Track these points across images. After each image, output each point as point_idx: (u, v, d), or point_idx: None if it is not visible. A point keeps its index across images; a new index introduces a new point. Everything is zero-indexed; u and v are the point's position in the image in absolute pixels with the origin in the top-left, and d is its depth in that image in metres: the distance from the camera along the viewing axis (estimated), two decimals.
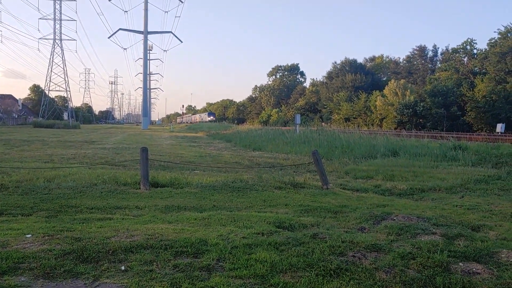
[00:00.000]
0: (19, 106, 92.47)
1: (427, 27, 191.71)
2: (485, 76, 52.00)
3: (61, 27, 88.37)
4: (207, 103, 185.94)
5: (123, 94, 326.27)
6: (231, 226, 5.76)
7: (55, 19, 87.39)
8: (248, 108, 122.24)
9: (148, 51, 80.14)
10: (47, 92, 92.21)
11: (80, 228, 5.48)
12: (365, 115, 65.12)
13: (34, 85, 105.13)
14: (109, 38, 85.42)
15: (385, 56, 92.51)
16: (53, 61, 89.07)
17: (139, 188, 9.09)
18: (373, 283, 3.85)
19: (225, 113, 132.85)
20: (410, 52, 79.80)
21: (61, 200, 7.79)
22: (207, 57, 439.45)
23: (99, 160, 15.40)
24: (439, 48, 74.38)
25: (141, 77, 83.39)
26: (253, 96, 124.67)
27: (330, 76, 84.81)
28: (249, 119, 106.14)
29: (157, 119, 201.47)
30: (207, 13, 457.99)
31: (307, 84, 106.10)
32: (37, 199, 7.83)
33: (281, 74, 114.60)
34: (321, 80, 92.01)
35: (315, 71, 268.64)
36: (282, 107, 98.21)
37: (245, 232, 5.35)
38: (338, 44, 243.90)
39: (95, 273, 3.90)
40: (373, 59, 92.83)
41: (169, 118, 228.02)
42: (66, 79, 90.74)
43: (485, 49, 57.16)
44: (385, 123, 58.09)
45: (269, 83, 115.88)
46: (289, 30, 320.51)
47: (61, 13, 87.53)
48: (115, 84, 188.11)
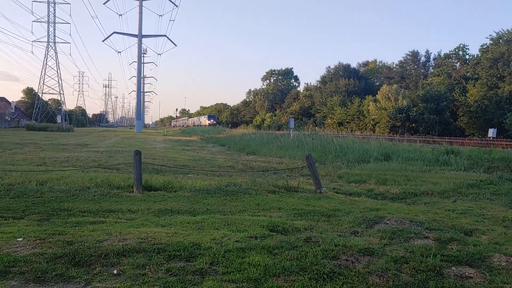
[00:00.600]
0: (12, 109, 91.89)
1: (419, 32, 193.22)
2: (477, 81, 52.36)
3: (55, 30, 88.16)
4: (201, 107, 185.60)
5: (117, 97, 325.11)
6: (224, 229, 5.75)
7: (49, 22, 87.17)
8: (242, 112, 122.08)
9: (142, 55, 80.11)
10: (40, 95, 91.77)
11: (72, 231, 5.44)
12: (358, 120, 65.32)
13: (27, 88, 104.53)
14: (103, 41, 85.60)
15: (378, 61, 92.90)
16: (46, 63, 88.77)
17: (132, 191, 9.05)
18: (366, 287, 3.86)
19: (219, 117, 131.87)
20: (403, 57, 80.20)
21: (54, 203, 7.73)
22: (201, 61, 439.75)
23: (92, 163, 15.33)
24: (431, 53, 74.67)
25: (135, 80, 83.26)
26: (247, 100, 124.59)
27: (324, 80, 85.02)
28: (243, 123, 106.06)
29: (151, 123, 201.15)
30: (202, 17, 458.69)
31: (301, 88, 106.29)
32: (29, 202, 7.77)
33: (275, 78, 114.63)
34: (315, 84, 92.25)
35: (309, 75, 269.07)
36: (276, 111, 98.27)
37: (238, 235, 5.34)
38: (332, 49, 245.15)
39: (87, 277, 3.88)
40: (366, 64, 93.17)
41: (163, 121, 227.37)
42: (59, 82, 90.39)
43: (477, 55, 57.57)
44: (378, 128, 58.27)
45: (263, 87, 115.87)
46: (283, 34, 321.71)
47: (55, 16, 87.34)
48: (109, 87, 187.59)
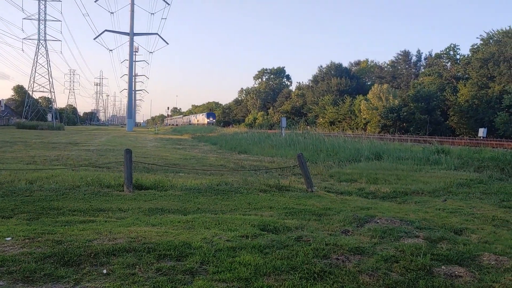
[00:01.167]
0: (1, 107, 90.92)
1: (411, 32, 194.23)
2: (467, 81, 52.82)
3: (45, 27, 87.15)
4: (192, 105, 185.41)
5: (108, 95, 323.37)
6: (215, 229, 5.73)
7: (39, 20, 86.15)
8: (234, 111, 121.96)
9: (134, 53, 79.77)
10: (30, 93, 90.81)
11: (61, 231, 5.39)
12: (349, 119, 65.56)
13: (17, 86, 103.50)
14: (94, 39, 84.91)
15: (370, 60, 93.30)
16: (37, 61, 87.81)
17: (123, 190, 9.00)
18: (356, 286, 3.87)
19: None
20: (394, 57, 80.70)
21: (43, 202, 7.66)
22: (193, 59, 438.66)
23: (83, 162, 15.22)
24: (422, 53, 75.19)
25: (126, 78, 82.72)
26: (239, 98, 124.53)
27: (315, 79, 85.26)
28: (235, 122, 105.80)
29: (142, 121, 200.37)
30: (193, 16, 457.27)
31: (293, 87, 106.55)
32: (18, 201, 7.69)
33: (267, 77, 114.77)
34: (307, 83, 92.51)
35: (301, 74, 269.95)
36: (268, 110, 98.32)
37: (229, 235, 5.33)
38: (324, 48, 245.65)
39: (76, 277, 3.84)
40: (358, 64, 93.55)
41: (154, 120, 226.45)
42: (50, 80, 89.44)
43: (468, 55, 58.08)
44: (369, 127, 58.55)
45: (255, 86, 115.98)
46: (276, 33, 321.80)
47: (45, 14, 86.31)
48: (100, 85, 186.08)
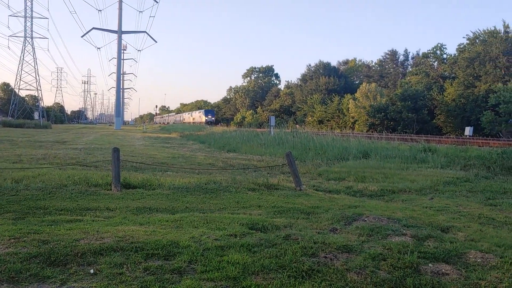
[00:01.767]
0: None
1: (399, 31, 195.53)
2: (454, 80, 53.40)
3: (32, 24, 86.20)
4: (181, 104, 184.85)
5: (96, 94, 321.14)
6: (203, 228, 5.72)
7: (26, 17, 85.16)
8: (222, 109, 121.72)
9: (122, 51, 79.02)
10: (17, 90, 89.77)
11: (48, 230, 5.34)
12: (338, 118, 65.85)
13: (3, 84, 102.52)
14: (82, 37, 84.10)
15: (358, 59, 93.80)
16: (23, 59, 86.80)
17: (111, 189, 8.94)
18: (344, 284, 3.89)
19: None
20: (382, 56, 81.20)
21: (29, 201, 7.57)
22: (181, 58, 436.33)
23: (70, 160, 15.07)
24: (410, 52, 75.87)
25: (114, 77, 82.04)
26: (228, 97, 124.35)
27: (304, 78, 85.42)
28: (224, 121, 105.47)
29: (130, 120, 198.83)
30: (182, 14, 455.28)
31: (281, 86, 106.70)
32: (3, 200, 7.59)
33: (256, 75, 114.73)
34: (296, 82, 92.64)
35: (290, 73, 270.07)
36: (257, 108, 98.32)
37: (217, 234, 5.32)
38: (312, 47, 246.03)
39: (63, 277, 3.81)
40: (346, 63, 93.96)
41: (143, 118, 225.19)
42: (37, 77, 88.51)
43: (455, 54, 58.67)
44: (357, 126, 58.88)
45: (244, 84, 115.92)
46: (264, 31, 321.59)
47: (32, 11, 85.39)
48: (88, 83, 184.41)
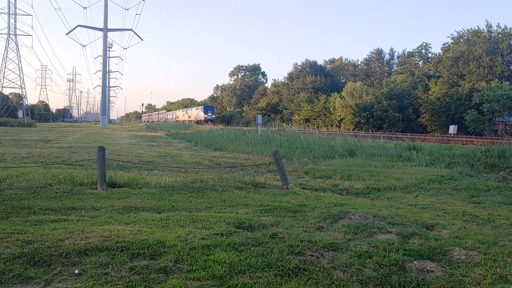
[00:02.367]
0: None
1: (385, 31, 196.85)
2: (439, 79, 53.98)
3: (15, 21, 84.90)
4: (167, 102, 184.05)
5: (81, 92, 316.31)
6: (189, 227, 5.70)
7: (9, 13, 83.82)
8: None
9: (107, 49, 78.23)
10: (0, 88, 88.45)
11: (32, 230, 5.27)
12: (324, 116, 66.11)
13: None
14: (67, 34, 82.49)
15: (344, 58, 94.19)
16: (7, 56, 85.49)
17: (96, 188, 8.86)
18: (330, 282, 3.91)
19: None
20: (368, 55, 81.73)
21: (13, 201, 7.47)
22: (168, 56, 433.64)
23: (55, 159, 14.89)
24: (395, 51, 76.46)
25: (100, 75, 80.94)
26: (215, 95, 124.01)
27: (291, 77, 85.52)
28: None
29: (116, 118, 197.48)
30: (168, 12, 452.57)
31: (268, 84, 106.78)
32: None
33: (242, 74, 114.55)
34: (283, 81, 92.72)
35: (276, 71, 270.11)
36: (244, 107, 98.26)
37: (204, 233, 5.31)
38: (299, 45, 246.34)
39: (47, 278, 3.77)
40: (332, 61, 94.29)
41: (129, 117, 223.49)
42: (21, 75, 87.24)
43: (439, 53, 59.30)
44: (344, 124, 59.18)
45: (231, 83, 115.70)
46: (251, 30, 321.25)
47: (15, 7, 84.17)
48: (73, 81, 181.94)
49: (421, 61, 65.03)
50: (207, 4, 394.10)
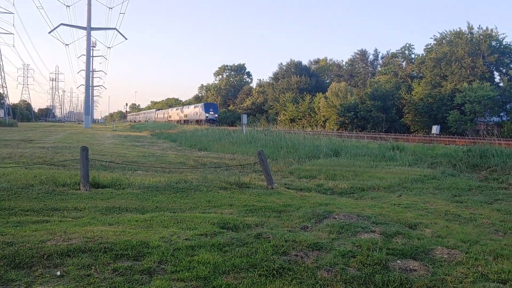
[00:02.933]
0: None
1: (369, 31, 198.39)
2: (422, 80, 54.65)
3: None
4: (151, 102, 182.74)
5: (64, 91, 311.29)
6: (174, 227, 5.67)
7: None
8: None
9: (91, 48, 77.39)
10: None
11: (13, 232, 5.19)
12: (309, 116, 66.39)
13: None
14: (49, 33, 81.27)
15: (328, 59, 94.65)
16: None
17: (79, 189, 8.76)
18: (314, 282, 3.92)
19: None
20: (352, 55, 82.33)
21: None
22: (152, 55, 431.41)
23: (37, 159, 14.67)
24: (379, 52, 77.26)
25: (83, 74, 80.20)
26: (200, 95, 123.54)
27: (276, 77, 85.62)
28: None
29: (100, 118, 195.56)
30: (152, 11, 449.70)
31: (253, 84, 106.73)
32: None
33: (227, 73, 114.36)
34: (268, 81, 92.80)
35: (261, 71, 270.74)
36: (229, 107, 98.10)
37: (188, 233, 5.29)
38: (284, 46, 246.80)
39: (28, 280, 3.71)
40: (317, 62, 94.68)
41: (113, 116, 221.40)
42: (2, 74, 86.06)
43: (422, 54, 60.05)
44: (328, 124, 59.49)
45: (216, 82, 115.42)
46: (236, 30, 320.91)
47: None
48: (56, 81, 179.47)
49: (405, 62, 65.82)
50: (192, 3, 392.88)
